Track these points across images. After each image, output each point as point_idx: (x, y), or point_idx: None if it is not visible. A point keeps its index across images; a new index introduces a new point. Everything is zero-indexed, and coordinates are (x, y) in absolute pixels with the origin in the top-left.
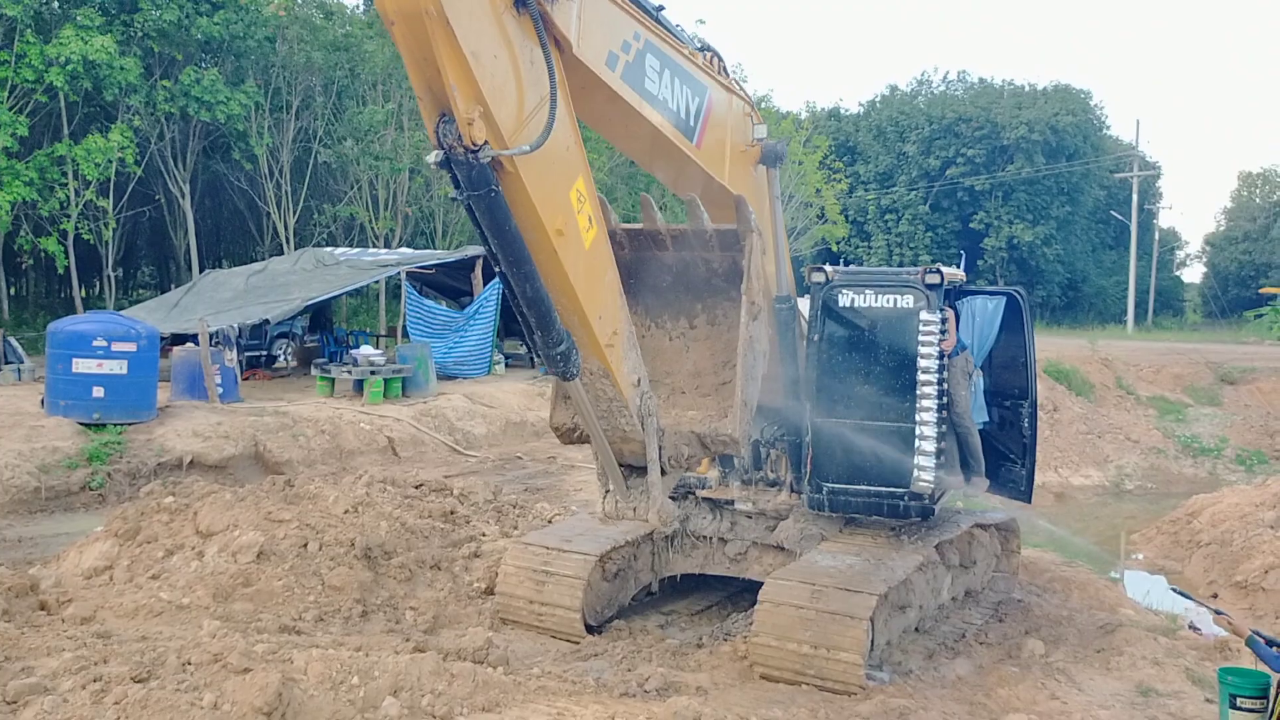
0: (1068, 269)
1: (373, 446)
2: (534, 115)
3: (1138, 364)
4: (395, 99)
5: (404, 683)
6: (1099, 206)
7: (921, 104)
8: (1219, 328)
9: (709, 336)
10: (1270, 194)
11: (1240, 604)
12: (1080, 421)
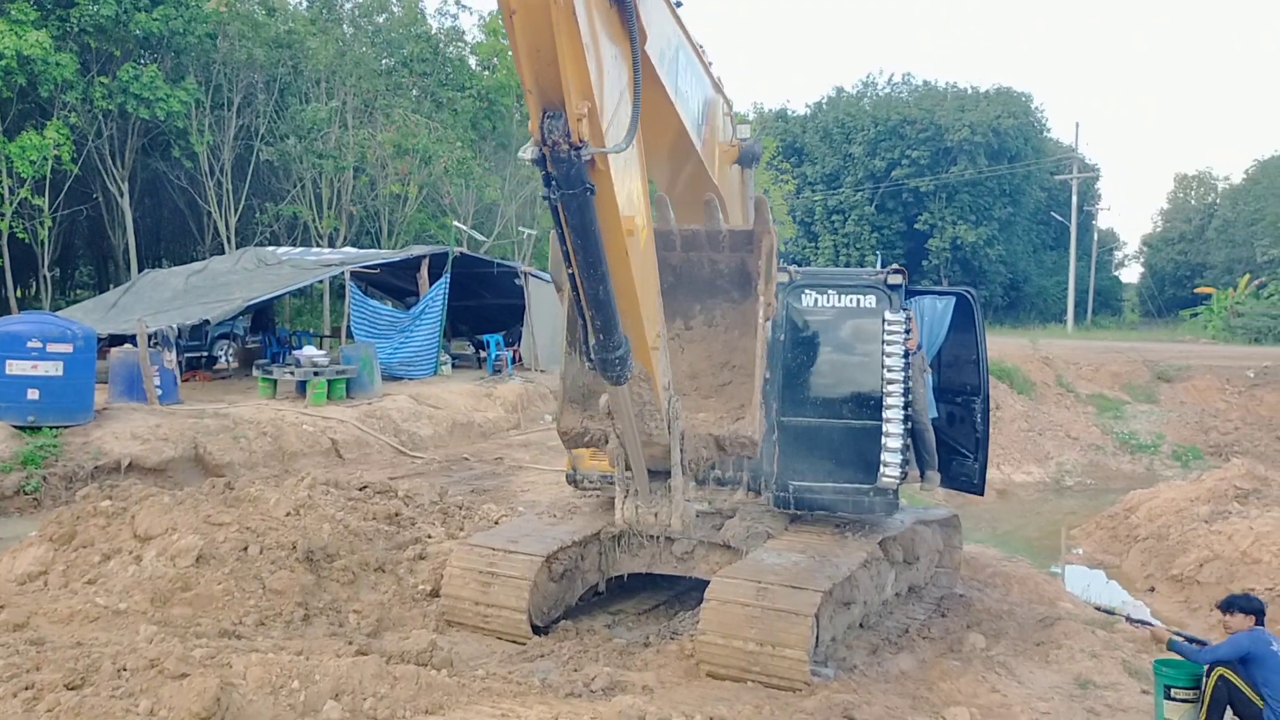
0: (1010, 269)
1: (316, 448)
2: (616, 112)
3: (1077, 362)
4: (339, 96)
5: (346, 686)
6: (1040, 208)
7: (867, 106)
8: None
9: (705, 338)
10: (1205, 196)
11: (1176, 597)
12: (1022, 419)
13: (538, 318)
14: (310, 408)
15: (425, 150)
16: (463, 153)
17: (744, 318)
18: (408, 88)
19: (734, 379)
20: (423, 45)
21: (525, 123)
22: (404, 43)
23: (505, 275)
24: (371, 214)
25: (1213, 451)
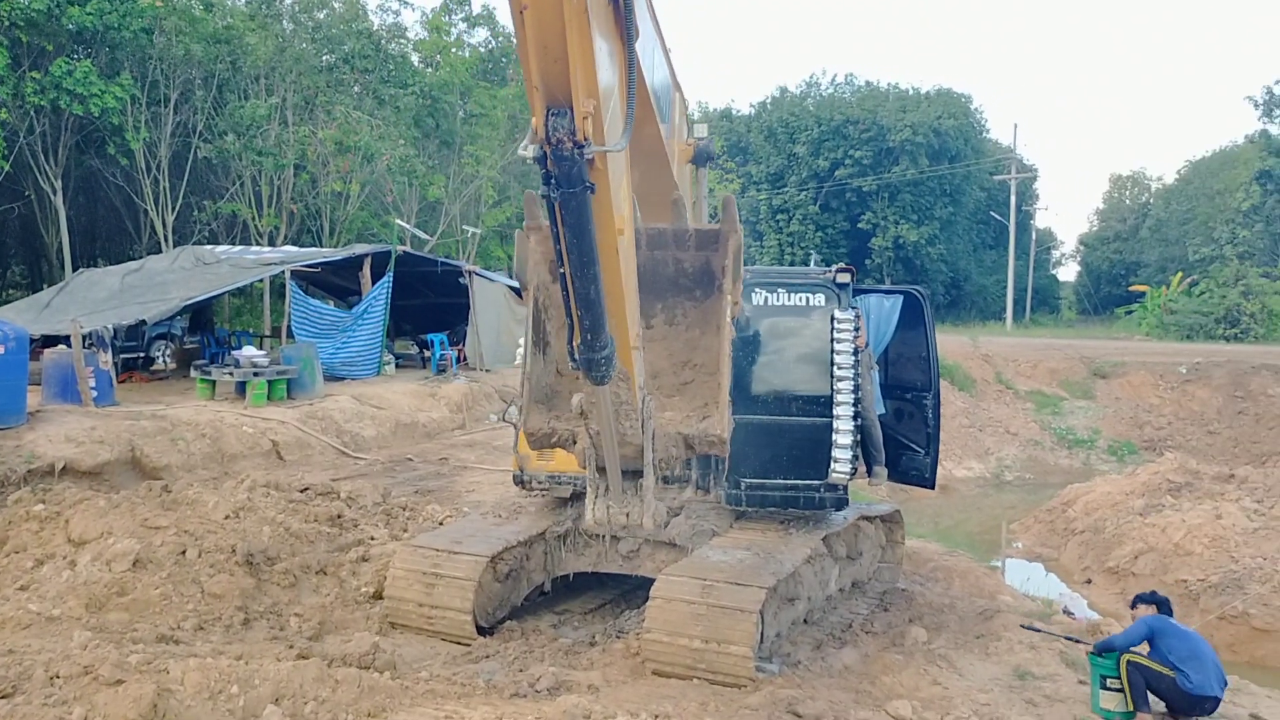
0: (950, 268)
1: (256, 450)
2: (612, 110)
3: (1016, 359)
4: (279, 93)
5: (286, 690)
6: (979, 207)
7: (811, 106)
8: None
9: (666, 337)
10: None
11: (1112, 589)
12: (963, 416)
13: (482, 317)
14: (250, 409)
15: (367, 148)
16: (405, 150)
17: (705, 316)
18: (349, 84)
19: (696, 378)
20: (364, 42)
21: (469, 121)
22: (345, 39)
23: (449, 274)
24: (313, 212)
25: (1147, 446)
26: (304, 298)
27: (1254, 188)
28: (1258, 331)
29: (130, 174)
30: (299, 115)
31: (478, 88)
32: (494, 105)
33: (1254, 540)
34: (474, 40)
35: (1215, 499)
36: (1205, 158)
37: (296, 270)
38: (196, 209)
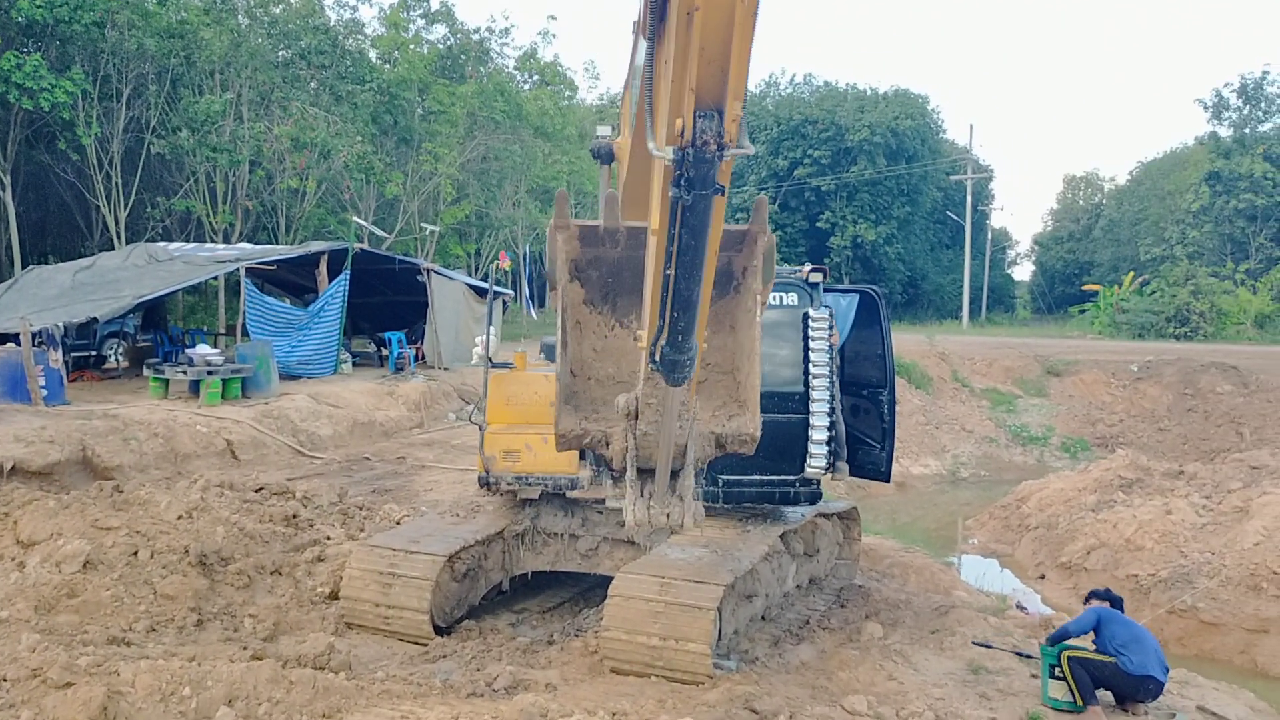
0: (908, 267)
1: (210, 450)
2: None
3: (972, 358)
4: (234, 88)
5: (239, 692)
6: (936, 207)
7: (770, 105)
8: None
9: None
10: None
11: (1065, 584)
12: (919, 413)
13: (441, 315)
14: (204, 408)
15: (324, 144)
16: (363, 147)
17: (718, 316)
18: (305, 80)
19: (710, 376)
20: (321, 37)
21: (427, 118)
22: (301, 34)
23: (407, 272)
24: (268, 209)
25: (1099, 443)
26: (259, 295)
27: (1203, 189)
28: (1207, 330)
29: (81, 170)
30: (254, 111)
31: (436, 84)
32: (453, 102)
33: (1203, 535)
34: (432, 37)
35: (1165, 495)
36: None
37: (252, 268)
38: (150, 206)
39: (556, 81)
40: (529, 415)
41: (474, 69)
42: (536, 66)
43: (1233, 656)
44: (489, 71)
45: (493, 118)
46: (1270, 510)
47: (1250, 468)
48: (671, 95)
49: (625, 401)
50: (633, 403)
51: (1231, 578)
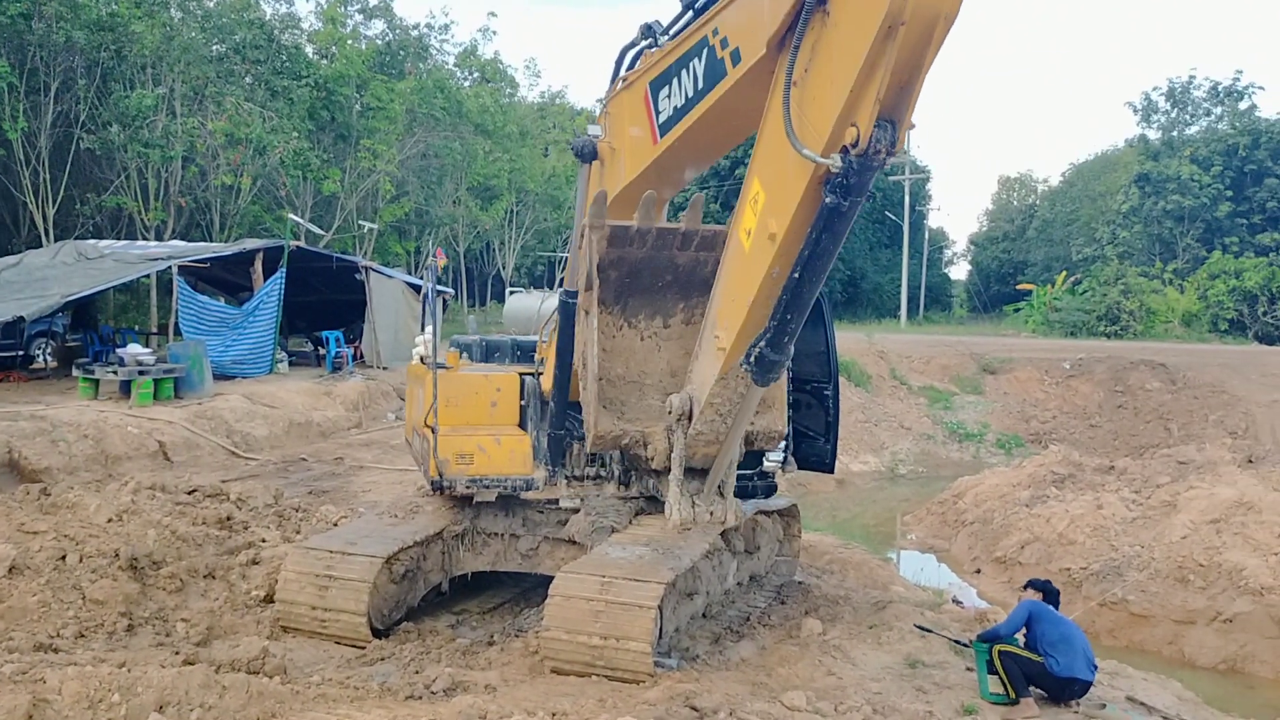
0: (847, 266)
1: (142, 451)
2: None
3: (910, 356)
4: (166, 83)
5: (171, 698)
6: (875, 208)
7: None
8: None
9: (681, 336)
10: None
11: (1000, 578)
12: (859, 411)
13: (380, 314)
14: (136, 409)
15: (259, 140)
16: (300, 143)
17: None
18: (240, 75)
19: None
20: (256, 32)
21: (365, 114)
22: (236, 28)
23: (345, 270)
24: (202, 206)
25: (1033, 439)
26: (192, 294)
27: (1133, 190)
28: (1136, 328)
29: (8, 165)
30: (187, 106)
31: (374, 80)
32: (391, 99)
33: (1132, 529)
34: (370, 32)
35: (1096, 490)
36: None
37: (184, 265)
38: (79, 202)
39: (497, 79)
40: (470, 417)
41: (413, 65)
42: (477, 63)
43: (1161, 647)
44: (428, 68)
45: (432, 114)
46: (1197, 504)
47: (1178, 463)
48: (845, 104)
49: (679, 402)
50: (686, 403)
51: (1160, 570)
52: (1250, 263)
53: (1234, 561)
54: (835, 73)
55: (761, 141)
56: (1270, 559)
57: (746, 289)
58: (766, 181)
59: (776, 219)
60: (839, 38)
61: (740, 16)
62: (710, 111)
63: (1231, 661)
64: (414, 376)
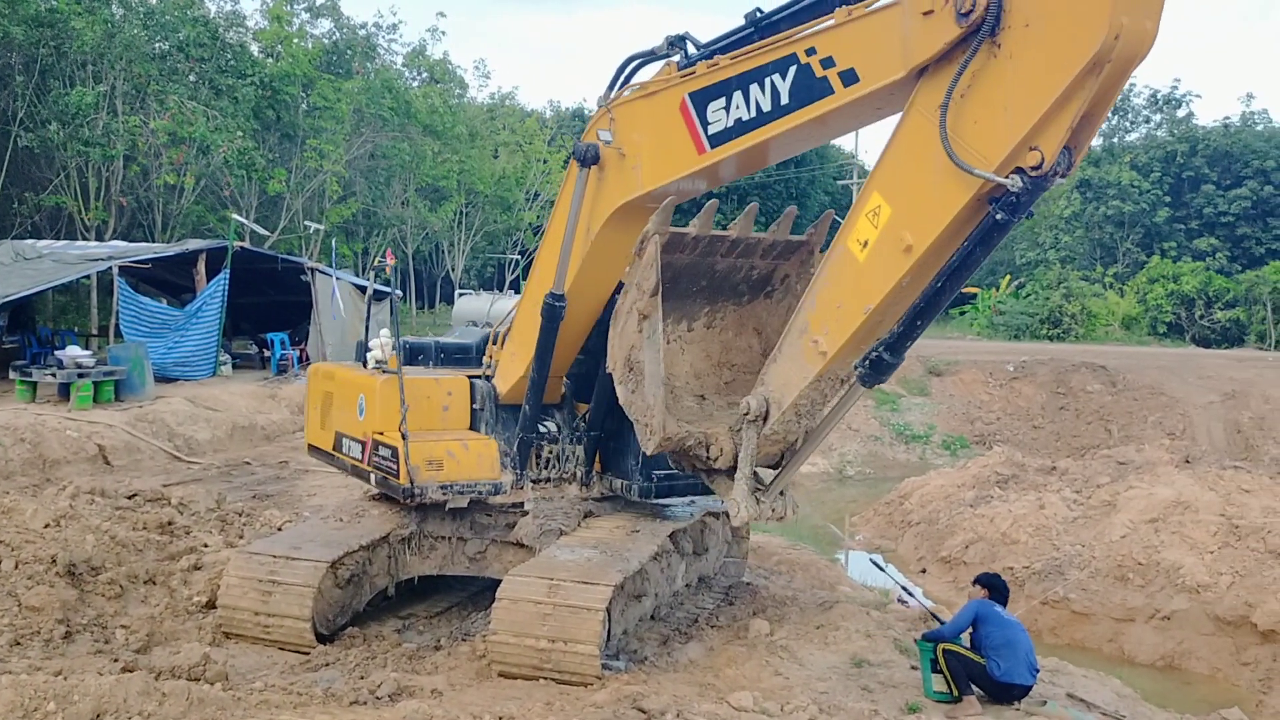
0: None
1: (81, 455)
2: None
3: None
4: (108, 80)
5: (108, 706)
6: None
7: None
8: None
9: (703, 339)
10: None
11: (945, 577)
12: None
13: (325, 315)
14: (74, 412)
15: (203, 139)
16: (244, 143)
17: (741, 320)
18: (184, 73)
19: (737, 377)
20: (200, 29)
21: (311, 114)
22: (179, 26)
23: (291, 271)
24: (144, 206)
25: (978, 440)
26: (133, 295)
27: (1074, 196)
28: (1078, 331)
29: None
30: (129, 104)
31: (321, 80)
32: (338, 98)
33: (1073, 529)
34: (317, 31)
35: (1039, 490)
36: None
37: (126, 266)
38: (16, 201)
39: (446, 79)
40: (423, 422)
41: (360, 65)
42: (425, 64)
43: (1101, 645)
44: (376, 68)
45: (380, 115)
46: (1136, 504)
47: (1118, 463)
48: (1030, 130)
49: (756, 404)
50: (763, 405)
51: (1100, 569)
52: (1187, 267)
53: (1172, 560)
54: (1011, 101)
55: (889, 159)
56: (1206, 557)
57: (863, 297)
58: (893, 196)
59: (915, 232)
60: (1017, 70)
61: (863, 40)
62: (800, 127)
63: (1169, 658)
64: (325, 378)
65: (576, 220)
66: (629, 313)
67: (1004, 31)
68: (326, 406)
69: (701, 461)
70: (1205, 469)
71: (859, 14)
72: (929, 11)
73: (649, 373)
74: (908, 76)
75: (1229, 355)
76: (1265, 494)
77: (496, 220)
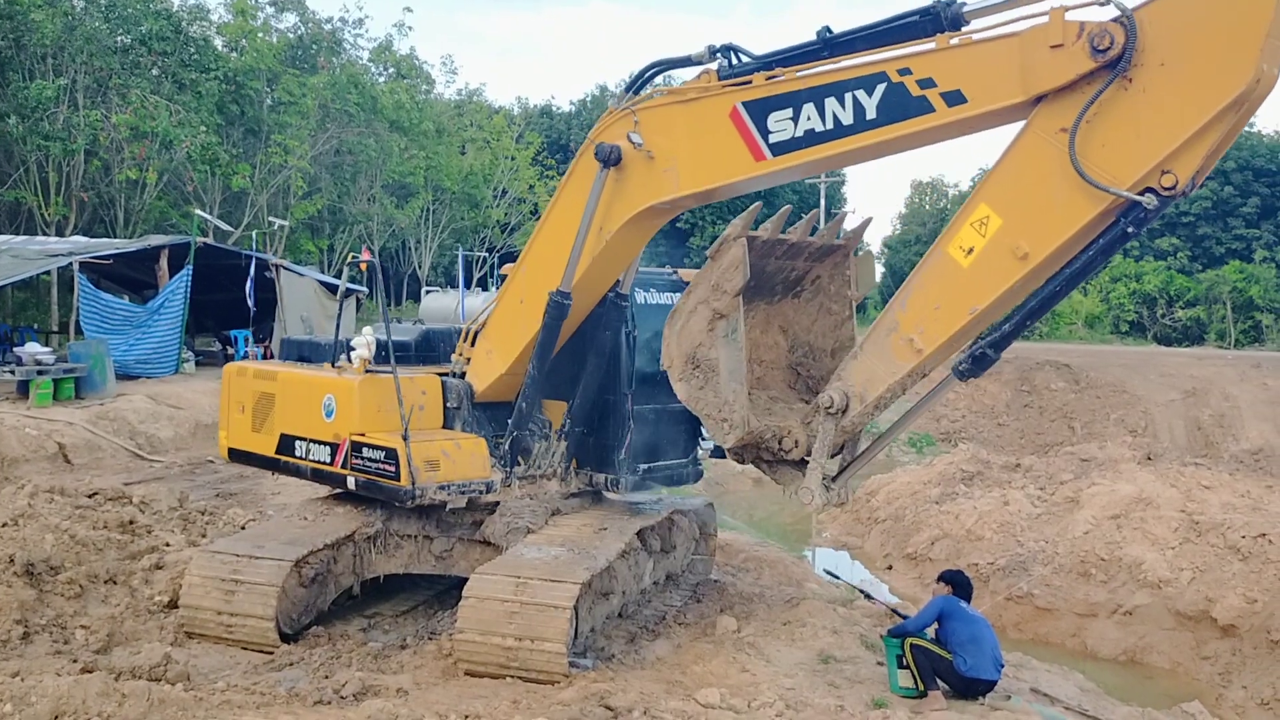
0: None
1: (40, 454)
2: None
3: None
4: (68, 73)
5: (67, 707)
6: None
7: None
8: None
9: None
10: (938, 201)
11: (911, 573)
12: None
13: (290, 312)
14: (34, 409)
15: (165, 134)
16: (208, 138)
17: (768, 318)
18: (146, 67)
19: (765, 373)
20: (162, 23)
21: (276, 109)
22: (142, 19)
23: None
24: (105, 201)
25: (943, 438)
26: (94, 291)
27: None
28: (1042, 330)
29: None
30: (90, 98)
31: (286, 75)
32: (303, 93)
33: (1037, 525)
34: (282, 25)
35: (1003, 487)
36: None
37: (87, 262)
38: None
39: (413, 75)
40: (399, 422)
41: (326, 60)
42: (392, 59)
43: (1065, 640)
44: (342, 63)
45: (346, 110)
46: (1098, 500)
47: (1080, 460)
48: (1166, 155)
49: (838, 398)
50: (844, 399)
51: (1063, 565)
52: (1150, 266)
53: (1133, 556)
54: (1143, 129)
55: (1003, 174)
56: (1167, 553)
57: (969, 299)
58: (1005, 208)
59: (1032, 241)
60: (1149, 103)
61: (973, 65)
62: (889, 141)
63: (1131, 652)
64: (260, 378)
65: (591, 219)
66: (692, 312)
67: (1136, 68)
68: (263, 408)
69: (771, 453)
70: (1166, 466)
71: (967, 42)
72: (1058, 45)
73: (727, 370)
74: (1026, 101)
75: (1190, 354)
76: (1225, 490)
77: (464, 217)
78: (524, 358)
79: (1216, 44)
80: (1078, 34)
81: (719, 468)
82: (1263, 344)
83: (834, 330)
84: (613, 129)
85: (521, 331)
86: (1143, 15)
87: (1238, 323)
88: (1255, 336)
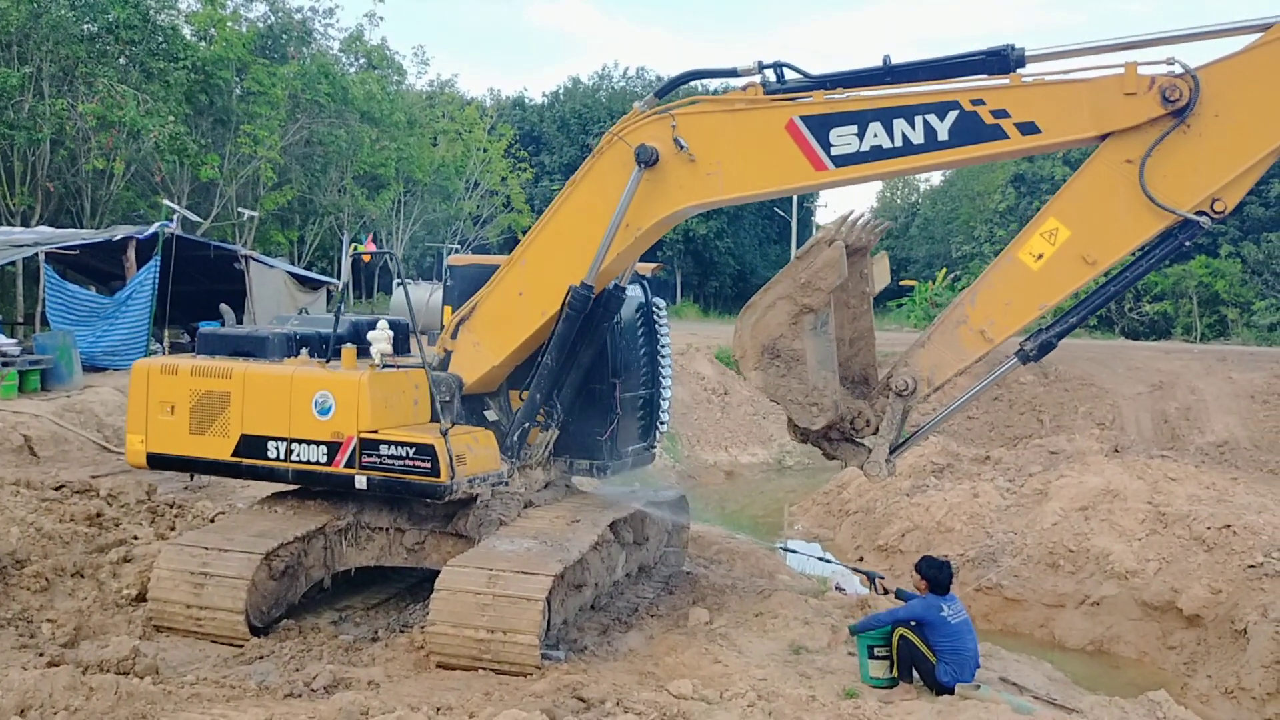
0: (738, 261)
1: (5, 446)
2: None
3: None
4: (33, 62)
5: (33, 700)
6: (765, 204)
7: (603, 98)
8: None
9: None
10: (909, 196)
11: (882, 565)
12: (748, 404)
13: (260, 304)
14: None
15: (133, 123)
16: (176, 127)
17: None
18: (114, 55)
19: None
20: (130, 11)
21: (246, 98)
22: (109, 7)
23: (224, 259)
24: (72, 191)
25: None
26: (60, 282)
27: (1009, 190)
28: None
29: None
30: (56, 87)
31: (255, 64)
32: (273, 83)
33: (1006, 516)
34: (252, 15)
35: (973, 479)
36: None
37: (52, 253)
38: None
39: (384, 66)
40: (400, 417)
41: (296, 49)
42: (363, 49)
43: (1033, 630)
44: (312, 53)
45: (316, 100)
46: (1067, 493)
47: (1049, 453)
48: (1220, 185)
49: (911, 380)
50: (913, 382)
51: (1032, 556)
52: None
53: (1101, 547)
54: (1200, 166)
55: (1073, 194)
56: (1134, 544)
57: (1039, 297)
58: (1074, 222)
59: (1099, 249)
60: (1203, 145)
61: (1047, 102)
62: (959, 160)
63: (1099, 643)
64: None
65: (622, 216)
66: (770, 306)
67: (1195, 116)
68: (210, 408)
69: (841, 432)
70: (1133, 458)
71: (1040, 82)
72: (1132, 93)
73: (817, 359)
74: (1095, 136)
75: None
76: (1190, 482)
77: (436, 209)
78: (521, 350)
79: (1264, 102)
80: (1149, 85)
81: (690, 460)
82: (1228, 338)
83: (852, 322)
84: (643, 130)
85: (520, 324)
86: (1203, 74)
87: (1204, 317)
88: (1221, 330)
